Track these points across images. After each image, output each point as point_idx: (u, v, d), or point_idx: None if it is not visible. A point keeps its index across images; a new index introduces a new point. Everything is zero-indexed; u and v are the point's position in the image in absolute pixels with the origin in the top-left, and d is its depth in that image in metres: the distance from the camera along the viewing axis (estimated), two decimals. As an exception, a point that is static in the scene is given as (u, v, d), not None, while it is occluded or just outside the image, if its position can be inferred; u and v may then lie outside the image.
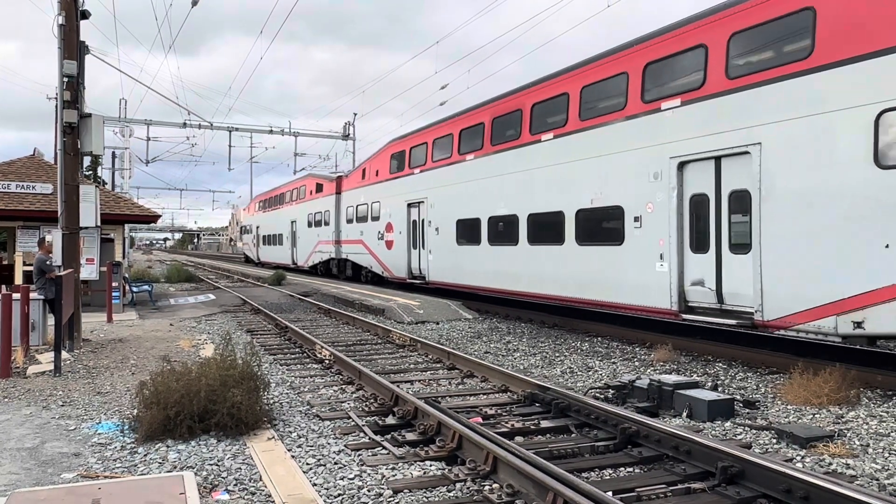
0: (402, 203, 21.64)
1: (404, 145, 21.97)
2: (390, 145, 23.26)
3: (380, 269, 24.20)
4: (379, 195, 23.82)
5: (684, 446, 5.66)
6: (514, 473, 5.07)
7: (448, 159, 18.60)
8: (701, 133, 10.29)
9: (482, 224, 16.70)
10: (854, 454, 5.96)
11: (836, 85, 8.41)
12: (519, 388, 8.35)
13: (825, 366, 8.30)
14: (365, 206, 25.37)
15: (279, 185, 44.13)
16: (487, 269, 16.47)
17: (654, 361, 10.53)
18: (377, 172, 24.22)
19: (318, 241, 32.36)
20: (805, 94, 8.76)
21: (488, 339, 13.39)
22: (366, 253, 25.35)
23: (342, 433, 6.66)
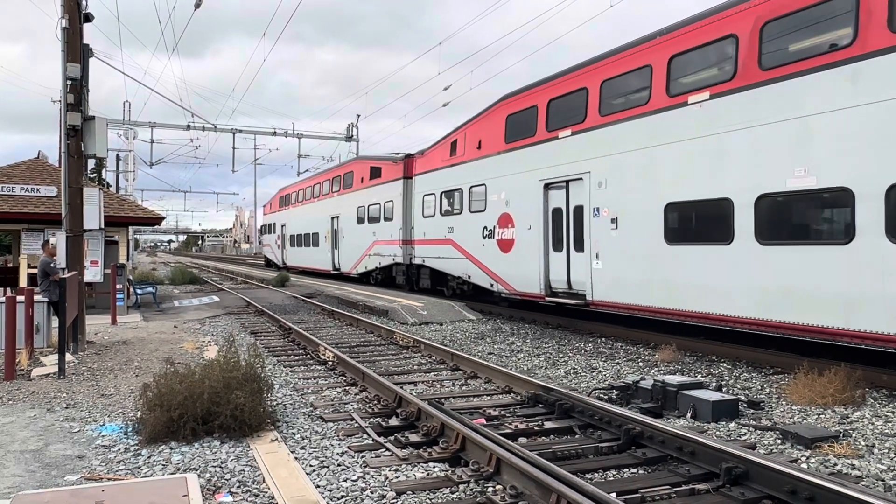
0: (531, 184, 14.73)
1: (536, 99, 14.87)
2: (504, 103, 16.22)
3: (486, 279, 16.97)
4: (483, 175, 16.96)
5: (688, 447, 5.64)
6: (518, 475, 5.06)
7: (642, 107, 11.72)
8: None
9: (737, 209, 9.89)
10: (859, 455, 5.93)
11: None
12: (522, 389, 8.34)
13: (830, 366, 8.27)
14: (457, 193, 18.56)
15: (312, 175, 37.58)
16: (753, 284, 9.66)
17: (659, 362, 10.50)
18: (479, 144, 17.24)
19: (374, 242, 25.55)
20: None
21: (492, 339, 13.38)
22: (459, 257, 18.45)
23: (345, 435, 6.65)
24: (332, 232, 31.18)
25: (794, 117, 9.09)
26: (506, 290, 16.08)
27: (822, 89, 8.71)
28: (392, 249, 23.82)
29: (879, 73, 8.09)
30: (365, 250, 26.61)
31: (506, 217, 15.94)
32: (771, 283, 9.37)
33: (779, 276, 9.28)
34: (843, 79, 8.47)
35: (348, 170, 29.75)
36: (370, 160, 27.07)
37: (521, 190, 15.23)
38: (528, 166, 15.10)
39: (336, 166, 32.71)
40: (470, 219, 17.81)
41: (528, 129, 15.09)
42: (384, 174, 24.71)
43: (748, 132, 9.75)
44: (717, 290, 10.18)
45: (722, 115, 10.19)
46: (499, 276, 16.27)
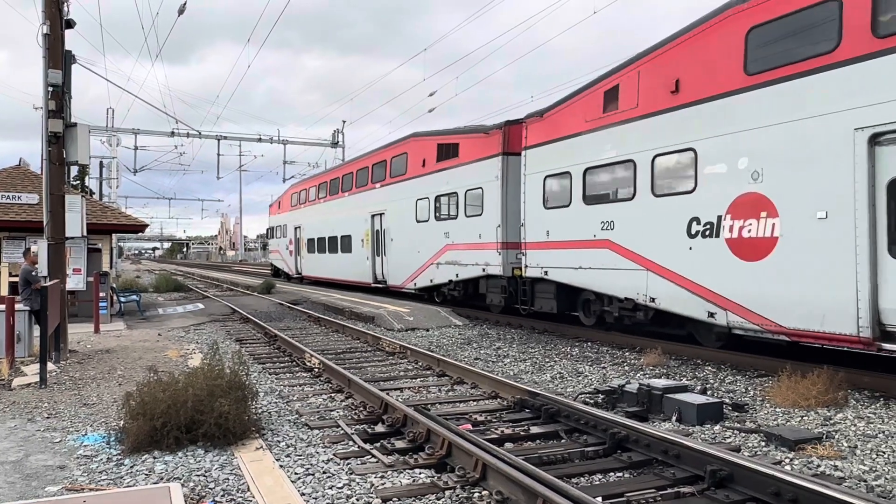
0: (829, 137, 8.50)
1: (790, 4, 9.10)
2: (731, 14, 10.00)
3: (696, 304, 10.57)
4: (696, 132, 10.53)
5: (673, 450, 5.66)
6: (504, 480, 5.05)
7: None
8: None
9: None
10: (842, 456, 5.99)
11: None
12: (509, 394, 8.34)
13: (813, 368, 8.34)
14: (622, 168, 12.21)
15: (339, 165, 31.09)
16: None
17: (644, 366, 10.55)
18: (677, 85, 10.92)
19: (447, 247, 18.97)
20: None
21: (478, 345, 13.38)
22: (629, 268, 11.95)
23: (331, 442, 6.62)
24: (372, 234, 24.11)
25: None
26: (751, 322, 9.65)
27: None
28: (480, 256, 17.19)
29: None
30: (429, 258, 19.57)
31: (753, 200, 9.54)
32: None
33: None
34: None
35: (399, 151, 22.23)
36: (435, 136, 19.99)
37: (798, 150, 8.89)
38: (818, 102, 8.69)
39: (379, 149, 24.37)
40: (657, 207, 11.36)
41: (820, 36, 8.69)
42: (464, 152, 18.08)
43: None
44: None
45: None
46: (732, 299, 9.91)
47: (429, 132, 20.89)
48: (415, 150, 21.22)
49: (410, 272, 21.20)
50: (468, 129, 18.61)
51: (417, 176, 20.86)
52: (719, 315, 10.18)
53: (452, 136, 19.11)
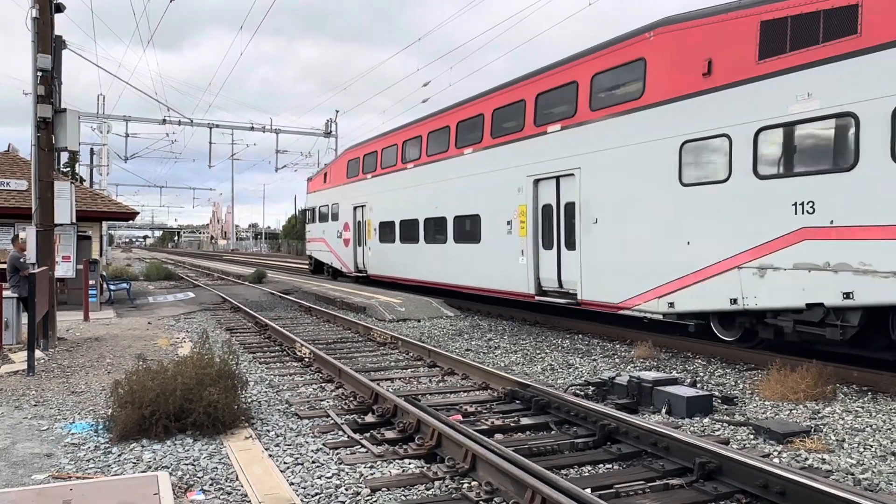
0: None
1: None
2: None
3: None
4: None
5: (663, 442, 5.67)
6: (493, 471, 5.05)
7: None
8: None
9: None
10: (830, 449, 6.02)
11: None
12: (499, 385, 8.34)
13: (802, 362, 8.38)
14: None
15: (440, 111, 18.92)
16: None
17: (635, 358, 10.57)
18: None
19: (799, 233, 8.74)
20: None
21: (469, 336, 13.38)
22: None
23: (321, 432, 6.60)
24: (537, 212, 14.37)
25: None
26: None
27: None
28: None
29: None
30: (728, 254, 9.64)
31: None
32: None
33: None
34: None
35: (621, 59, 11.89)
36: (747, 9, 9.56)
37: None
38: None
39: (551, 67, 14.10)
40: None
41: None
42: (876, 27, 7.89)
43: None
44: None
45: None
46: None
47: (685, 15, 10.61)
48: (677, 47, 10.62)
49: (655, 279, 11.01)
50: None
51: (691, 96, 10.26)
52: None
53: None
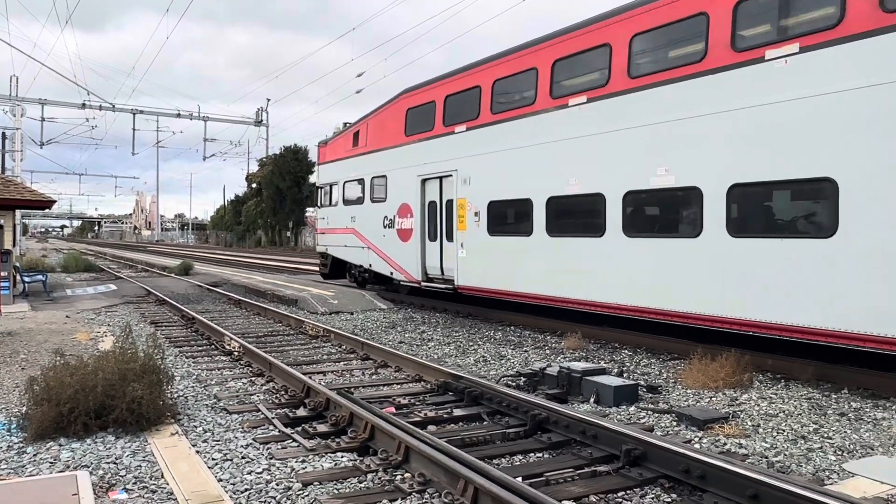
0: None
1: None
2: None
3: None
4: None
5: (591, 431, 5.83)
6: (426, 462, 5.08)
7: None
8: None
9: None
10: (746, 434, 6.32)
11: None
12: (432, 377, 8.38)
13: (722, 351, 8.75)
14: None
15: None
16: None
17: (565, 349, 10.81)
18: None
19: None
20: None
21: (403, 328, 13.37)
22: None
23: (251, 426, 6.47)
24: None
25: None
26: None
27: None
28: None
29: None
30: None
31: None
32: None
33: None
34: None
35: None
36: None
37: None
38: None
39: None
40: None
41: None
42: None
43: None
44: None
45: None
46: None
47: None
48: None
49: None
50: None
51: None
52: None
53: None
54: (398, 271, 16.80)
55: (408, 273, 16.31)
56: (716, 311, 9.21)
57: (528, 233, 12.40)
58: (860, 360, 8.52)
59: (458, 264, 14.38)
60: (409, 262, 16.24)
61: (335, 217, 20.37)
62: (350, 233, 19.22)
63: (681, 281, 9.68)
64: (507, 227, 13.39)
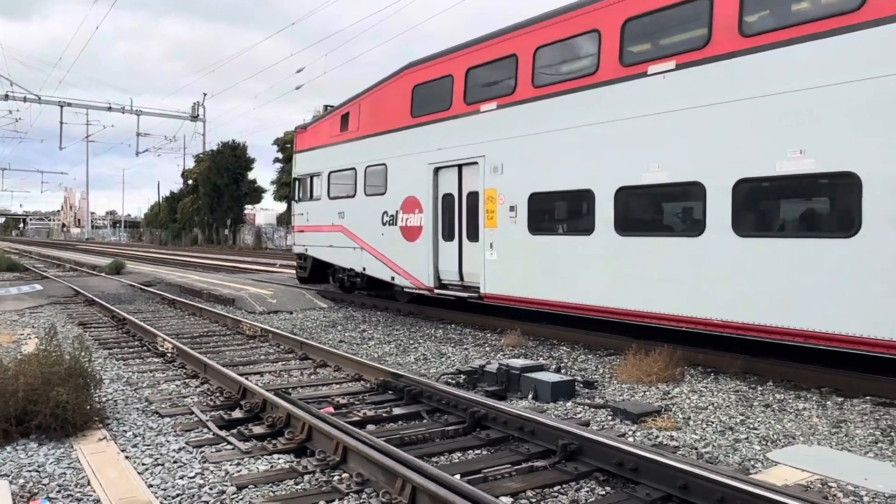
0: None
1: None
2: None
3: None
4: None
5: (529, 427, 5.90)
6: (364, 462, 5.04)
7: None
8: None
9: None
10: (678, 427, 6.51)
11: None
12: (372, 376, 8.33)
13: (655, 346, 8.99)
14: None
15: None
16: None
17: (504, 346, 10.92)
18: None
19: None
20: None
21: (343, 327, 13.26)
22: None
23: (184, 430, 6.30)
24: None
25: None
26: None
27: None
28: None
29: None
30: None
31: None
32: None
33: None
34: None
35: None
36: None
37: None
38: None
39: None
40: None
41: None
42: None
43: None
44: None
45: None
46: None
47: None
48: None
49: None
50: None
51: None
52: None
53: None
54: (402, 276, 14.43)
55: (414, 278, 14.04)
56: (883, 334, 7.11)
57: (586, 231, 10.36)
58: (783, 353, 8.90)
59: (486, 268, 12.13)
60: (416, 266, 13.97)
61: (318, 213, 17.86)
62: (337, 231, 16.82)
63: (826, 293, 7.57)
64: (556, 225, 11.44)
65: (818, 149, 7.62)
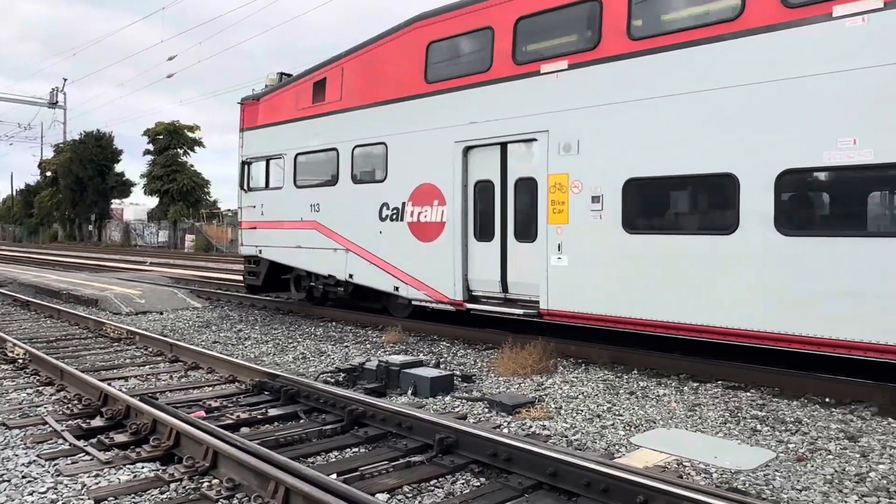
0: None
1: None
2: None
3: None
4: None
5: (406, 423, 5.93)
6: (235, 466, 4.87)
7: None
8: None
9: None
10: (550, 416, 6.77)
11: None
12: (248, 377, 8.07)
13: (531, 340, 9.31)
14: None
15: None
16: None
17: (385, 343, 10.90)
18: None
19: None
20: None
21: (218, 328, 12.75)
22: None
23: (35, 442, 5.81)
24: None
25: None
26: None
27: None
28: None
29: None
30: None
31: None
32: None
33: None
34: None
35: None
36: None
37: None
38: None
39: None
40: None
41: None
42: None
43: None
44: None
45: None
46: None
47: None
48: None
49: None
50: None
51: None
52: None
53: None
54: (411, 286, 11.59)
55: (431, 289, 11.24)
56: None
57: (725, 229, 7.96)
58: (649, 343, 9.48)
59: (551, 277, 9.59)
60: (433, 273, 11.20)
61: (277, 205, 14.49)
62: (308, 228, 13.56)
63: None
64: (671, 221, 8.96)
65: None
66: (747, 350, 8.37)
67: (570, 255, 9.40)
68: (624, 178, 8.80)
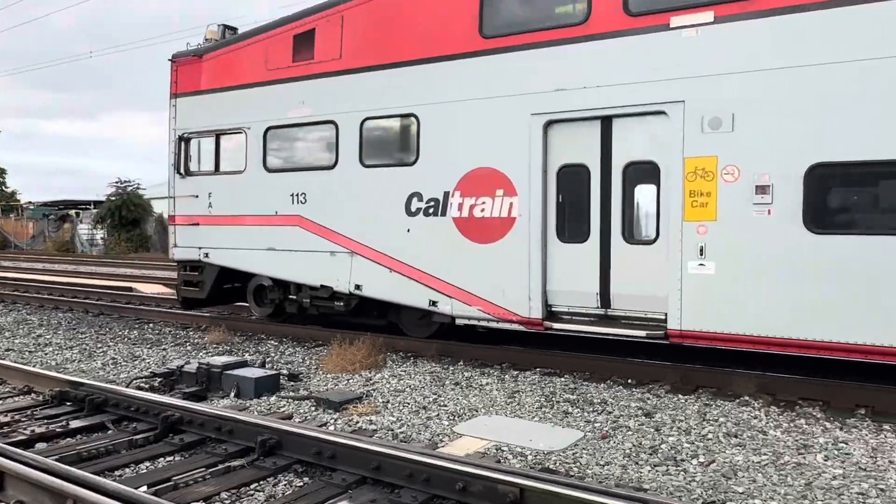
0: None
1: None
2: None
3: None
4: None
5: (227, 426, 5.68)
6: (27, 487, 4.39)
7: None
8: None
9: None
10: (377, 411, 6.81)
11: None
12: (46, 387, 7.30)
13: (359, 336, 9.31)
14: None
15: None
16: None
17: (208, 344, 10.39)
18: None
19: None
20: None
21: (13, 333, 11.43)
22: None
23: None
24: None
25: None
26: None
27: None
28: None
29: None
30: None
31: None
32: None
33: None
34: None
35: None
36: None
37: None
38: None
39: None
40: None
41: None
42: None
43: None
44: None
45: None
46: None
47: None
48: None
49: None
50: None
51: None
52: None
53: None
54: (462, 300, 9.14)
55: (493, 304, 8.89)
56: None
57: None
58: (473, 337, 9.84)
59: (687, 289, 7.59)
60: (495, 283, 8.86)
61: (236, 194, 11.21)
62: (289, 224, 10.59)
63: None
64: (882, 218, 6.82)
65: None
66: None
67: (718, 261, 7.42)
68: (808, 163, 6.96)
